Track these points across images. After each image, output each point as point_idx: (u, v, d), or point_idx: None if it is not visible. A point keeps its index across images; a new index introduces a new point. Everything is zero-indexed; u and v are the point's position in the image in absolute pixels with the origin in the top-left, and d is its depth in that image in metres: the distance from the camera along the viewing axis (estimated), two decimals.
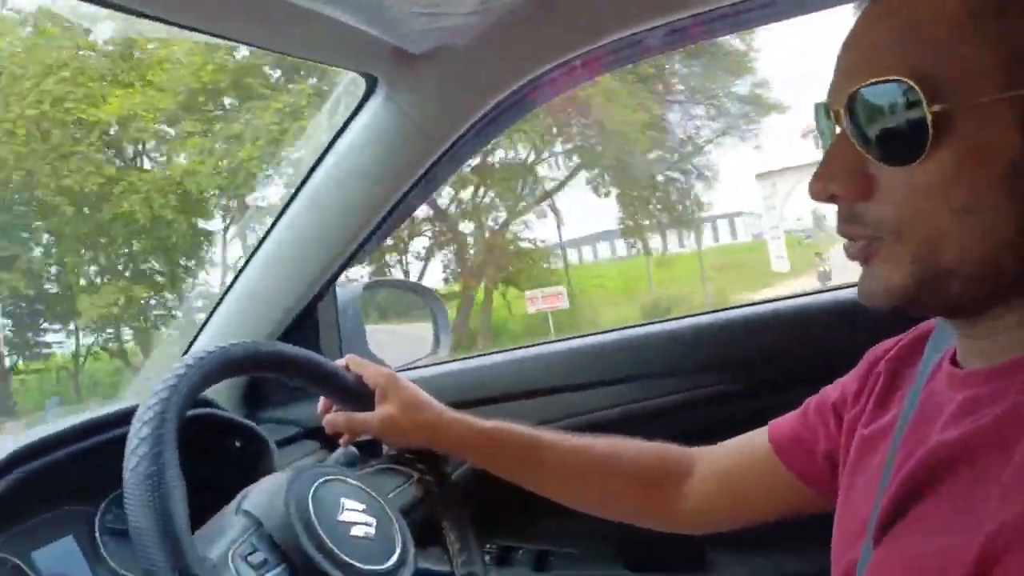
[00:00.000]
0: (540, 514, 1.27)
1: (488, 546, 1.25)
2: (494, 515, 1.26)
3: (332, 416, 0.93)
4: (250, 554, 0.72)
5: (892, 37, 0.50)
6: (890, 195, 0.51)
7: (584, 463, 0.89)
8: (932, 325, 0.67)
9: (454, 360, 1.38)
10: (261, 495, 0.77)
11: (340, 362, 0.93)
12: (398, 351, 1.34)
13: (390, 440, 0.92)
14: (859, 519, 0.60)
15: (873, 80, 0.50)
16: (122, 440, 0.70)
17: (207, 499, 0.80)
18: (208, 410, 0.99)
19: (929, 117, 0.48)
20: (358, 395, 0.91)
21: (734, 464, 0.84)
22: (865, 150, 0.51)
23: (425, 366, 1.36)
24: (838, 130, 0.54)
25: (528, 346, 1.35)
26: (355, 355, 0.94)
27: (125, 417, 0.74)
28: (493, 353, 1.36)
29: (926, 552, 0.49)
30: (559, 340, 1.33)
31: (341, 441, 0.94)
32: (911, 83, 0.48)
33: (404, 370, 1.34)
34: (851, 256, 0.55)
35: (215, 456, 1.00)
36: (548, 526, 1.27)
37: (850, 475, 0.67)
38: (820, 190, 0.54)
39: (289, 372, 0.88)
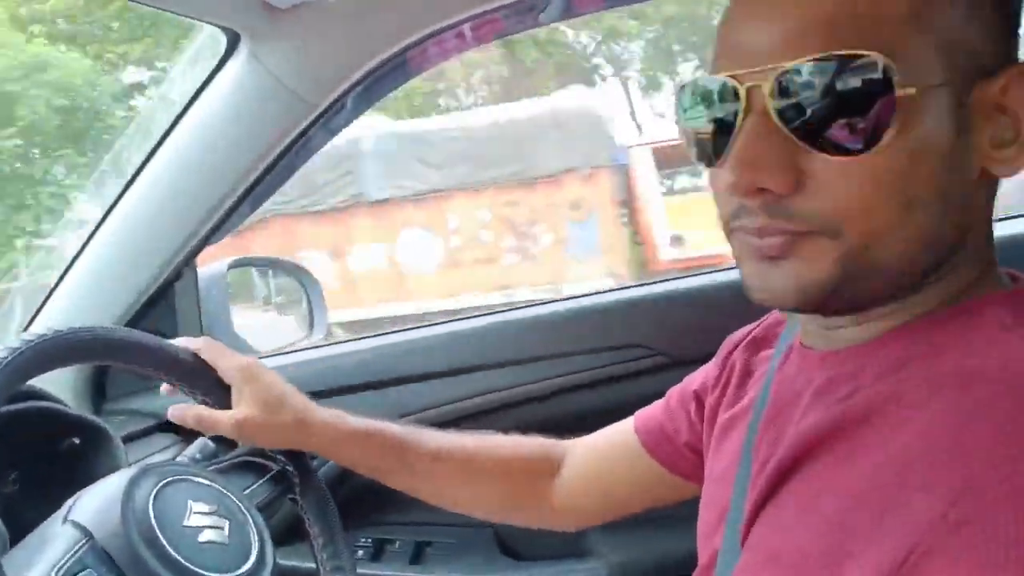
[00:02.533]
0: (416, 505, 1.22)
1: (362, 540, 1.19)
2: (367, 507, 1.21)
3: (179, 409, 0.84)
4: (78, 572, 0.63)
5: (845, 8, 0.44)
6: (825, 186, 0.45)
7: (453, 466, 0.85)
8: None
9: (331, 344, 1.30)
10: (92, 502, 0.68)
11: (194, 345, 0.83)
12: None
13: (246, 442, 0.83)
14: (718, 508, 0.60)
15: (829, 54, 0.43)
16: None
17: (42, 507, 0.70)
18: (37, 403, 0.87)
19: (892, 100, 0.43)
20: (212, 388, 0.82)
21: (603, 456, 0.83)
22: (799, 136, 0.45)
23: (299, 350, 1.27)
24: (739, 113, 0.47)
25: (415, 327, 1.29)
26: (212, 340, 0.84)
27: None
28: (375, 336, 1.30)
29: (791, 544, 0.48)
30: (451, 321, 1.28)
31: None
32: (885, 60, 0.43)
33: (275, 355, 1.25)
34: (763, 252, 0.48)
35: (48, 456, 0.89)
36: (425, 517, 1.22)
37: (712, 461, 0.66)
38: (749, 183, 0.46)
39: (128, 361, 0.77)
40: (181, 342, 0.83)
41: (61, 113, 7.56)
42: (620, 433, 0.82)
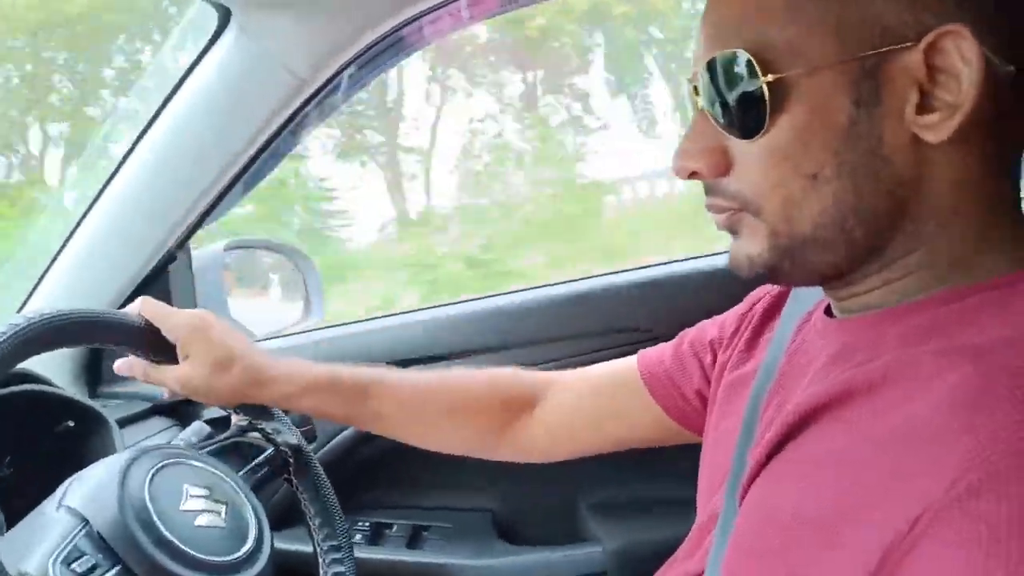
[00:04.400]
0: (414, 489, 1.23)
1: (360, 523, 1.19)
2: (365, 491, 1.20)
3: (126, 362, 0.82)
4: (76, 559, 0.62)
5: (733, 11, 0.51)
6: (744, 168, 0.52)
7: (422, 402, 0.86)
8: None
9: (328, 327, 1.29)
10: (88, 487, 0.67)
11: (134, 308, 0.80)
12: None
13: (197, 399, 0.82)
14: (719, 469, 0.60)
15: (716, 53, 0.51)
16: None
17: (37, 490, 0.70)
18: (31, 386, 0.86)
19: (765, 87, 0.48)
20: (157, 347, 0.79)
21: (598, 390, 0.83)
22: (719, 124, 0.52)
23: (296, 333, 1.26)
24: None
25: (414, 310, 1.28)
26: (152, 299, 0.82)
27: None
28: (371, 319, 1.29)
29: (789, 505, 0.48)
30: (451, 304, 1.27)
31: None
32: (746, 53, 0.49)
33: (272, 338, 1.24)
34: (720, 227, 0.55)
35: (43, 440, 0.88)
36: (422, 501, 1.23)
37: (715, 419, 0.67)
38: (680, 168, 0.54)
39: (83, 338, 0.75)
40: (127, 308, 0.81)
41: None
42: (621, 369, 0.82)
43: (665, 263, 1.25)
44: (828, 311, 0.58)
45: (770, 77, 0.48)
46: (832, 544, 0.43)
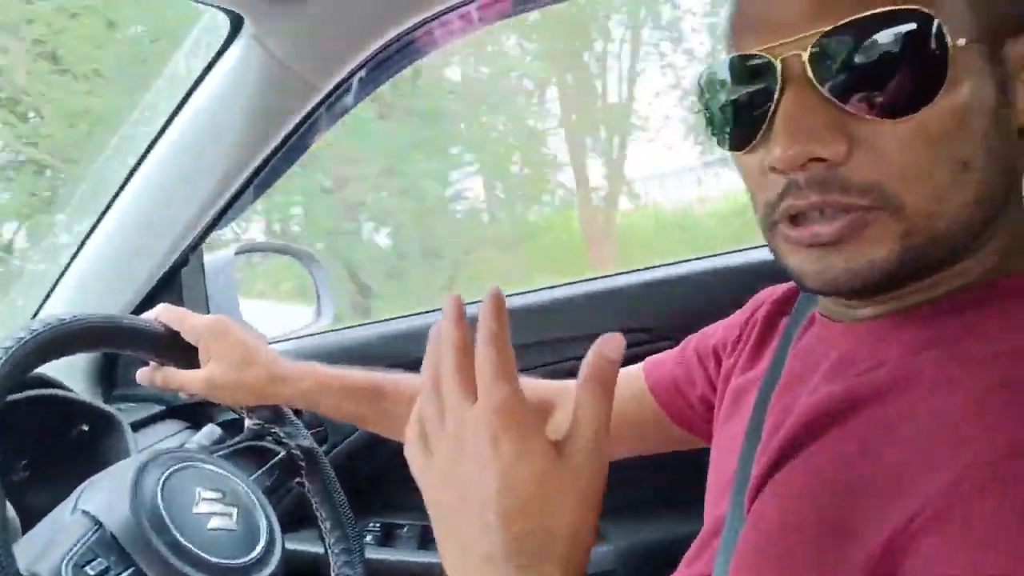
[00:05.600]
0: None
1: (371, 524, 1.19)
2: (377, 493, 1.21)
3: (147, 371, 0.84)
4: (89, 562, 0.63)
5: None
6: (881, 153, 0.44)
7: None
8: None
9: (338, 329, 1.29)
10: (101, 490, 0.68)
11: (153, 313, 0.83)
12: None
13: (219, 400, 0.84)
14: (725, 476, 0.60)
15: (868, 13, 0.42)
16: None
17: (52, 494, 0.71)
18: (46, 390, 0.87)
19: (946, 54, 0.42)
20: (178, 351, 0.82)
21: None
22: (847, 101, 0.44)
23: (306, 336, 1.27)
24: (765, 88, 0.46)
25: (422, 313, 1.28)
26: (170, 305, 0.84)
27: None
28: (382, 321, 1.29)
29: (795, 515, 0.48)
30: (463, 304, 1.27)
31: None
32: (928, 11, 0.42)
33: (283, 340, 1.25)
34: (819, 240, 0.46)
35: (58, 443, 0.89)
36: None
37: (721, 425, 0.66)
38: (799, 153, 0.44)
39: (102, 343, 0.76)
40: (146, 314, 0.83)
41: None
42: (627, 378, 0.81)
43: (671, 263, 1.25)
44: (824, 313, 0.57)
45: (951, 43, 0.42)
46: (839, 554, 0.43)
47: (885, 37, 0.42)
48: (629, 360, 1.17)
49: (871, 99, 0.43)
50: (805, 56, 0.44)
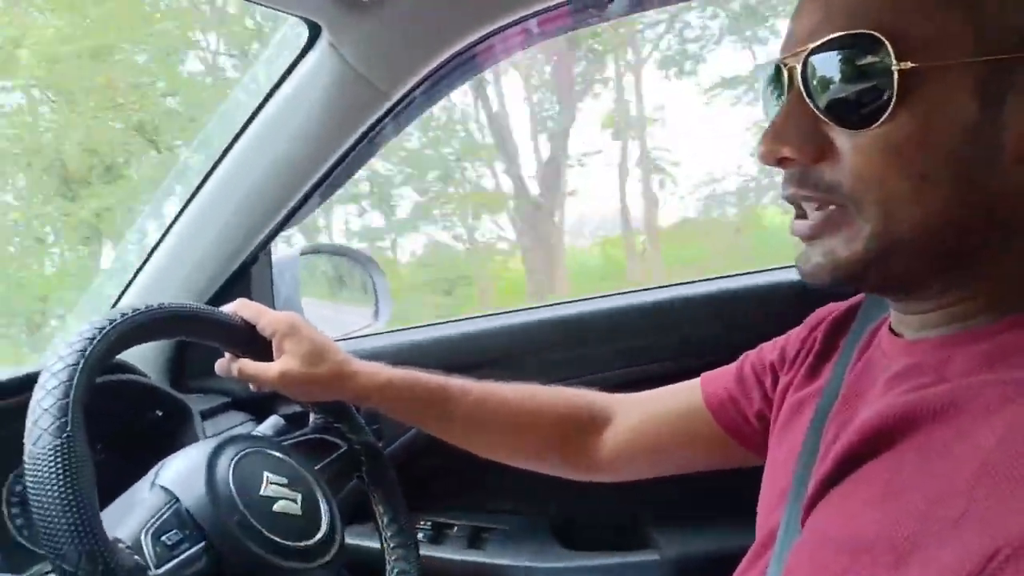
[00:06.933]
0: (475, 491, 1.25)
1: (421, 522, 1.22)
2: (428, 492, 1.23)
3: (225, 362, 0.87)
4: (166, 533, 0.66)
5: None
6: (846, 159, 0.49)
7: (493, 413, 0.87)
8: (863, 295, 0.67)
9: (396, 330, 1.33)
10: (178, 468, 0.72)
11: (231, 307, 0.86)
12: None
13: (289, 394, 0.86)
14: (780, 487, 0.60)
15: (837, 33, 0.48)
16: (22, 409, 0.63)
17: (125, 474, 0.74)
18: (125, 376, 0.92)
19: (896, 75, 0.46)
20: (254, 345, 0.84)
21: (662, 412, 0.84)
22: (821, 111, 0.49)
23: (365, 336, 1.31)
24: (777, 93, 0.53)
25: (472, 317, 1.31)
26: (248, 300, 0.87)
27: (27, 383, 0.67)
28: (431, 325, 1.32)
29: (852, 529, 0.48)
30: (508, 312, 1.29)
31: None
32: (880, 36, 0.46)
33: (343, 340, 1.28)
34: (800, 232, 0.53)
35: (134, 426, 0.94)
36: (483, 504, 1.25)
37: (777, 440, 0.67)
38: (768, 152, 0.52)
39: (184, 330, 0.80)
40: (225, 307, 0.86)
41: None
42: (685, 391, 0.82)
43: (723, 277, 1.26)
44: (892, 330, 0.57)
45: (904, 65, 0.46)
46: (898, 572, 0.43)
47: (844, 57, 0.48)
48: (676, 375, 1.21)
49: (840, 111, 0.49)
50: (797, 68, 0.50)
